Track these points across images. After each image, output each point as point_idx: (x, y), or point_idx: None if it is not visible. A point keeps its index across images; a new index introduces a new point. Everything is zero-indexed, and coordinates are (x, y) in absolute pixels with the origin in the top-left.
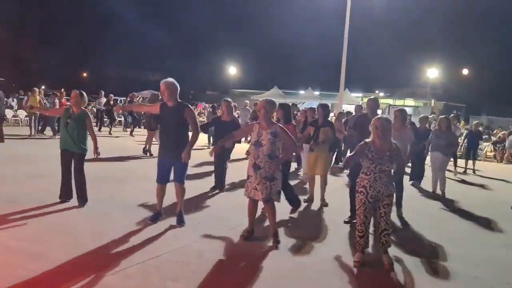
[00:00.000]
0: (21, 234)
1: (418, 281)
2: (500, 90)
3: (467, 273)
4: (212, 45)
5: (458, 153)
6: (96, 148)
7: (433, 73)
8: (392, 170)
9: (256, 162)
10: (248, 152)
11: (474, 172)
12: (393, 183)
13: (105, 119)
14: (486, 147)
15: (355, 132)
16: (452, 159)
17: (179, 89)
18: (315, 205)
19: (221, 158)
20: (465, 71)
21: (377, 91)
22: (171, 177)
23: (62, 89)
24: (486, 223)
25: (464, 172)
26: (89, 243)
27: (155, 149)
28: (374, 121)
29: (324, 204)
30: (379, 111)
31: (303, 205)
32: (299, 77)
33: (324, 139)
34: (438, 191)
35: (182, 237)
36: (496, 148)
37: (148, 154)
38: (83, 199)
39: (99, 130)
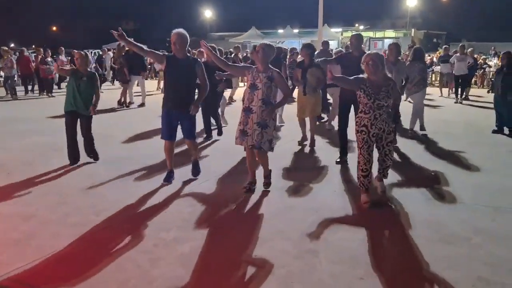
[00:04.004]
0: (11, 198)
1: (411, 209)
2: (479, 15)
3: (451, 199)
4: None
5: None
6: (95, 106)
7: (412, 1)
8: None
9: (249, 105)
10: (231, 99)
11: (466, 98)
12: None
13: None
14: None
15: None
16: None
17: (188, 41)
18: (307, 148)
19: (208, 105)
20: None
21: (356, 24)
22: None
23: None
24: (469, 150)
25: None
26: (77, 200)
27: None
28: (365, 57)
29: (313, 145)
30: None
31: (297, 148)
32: (277, 16)
33: (312, 80)
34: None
35: (172, 188)
36: (476, 74)
37: (124, 106)
38: (97, 156)
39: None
